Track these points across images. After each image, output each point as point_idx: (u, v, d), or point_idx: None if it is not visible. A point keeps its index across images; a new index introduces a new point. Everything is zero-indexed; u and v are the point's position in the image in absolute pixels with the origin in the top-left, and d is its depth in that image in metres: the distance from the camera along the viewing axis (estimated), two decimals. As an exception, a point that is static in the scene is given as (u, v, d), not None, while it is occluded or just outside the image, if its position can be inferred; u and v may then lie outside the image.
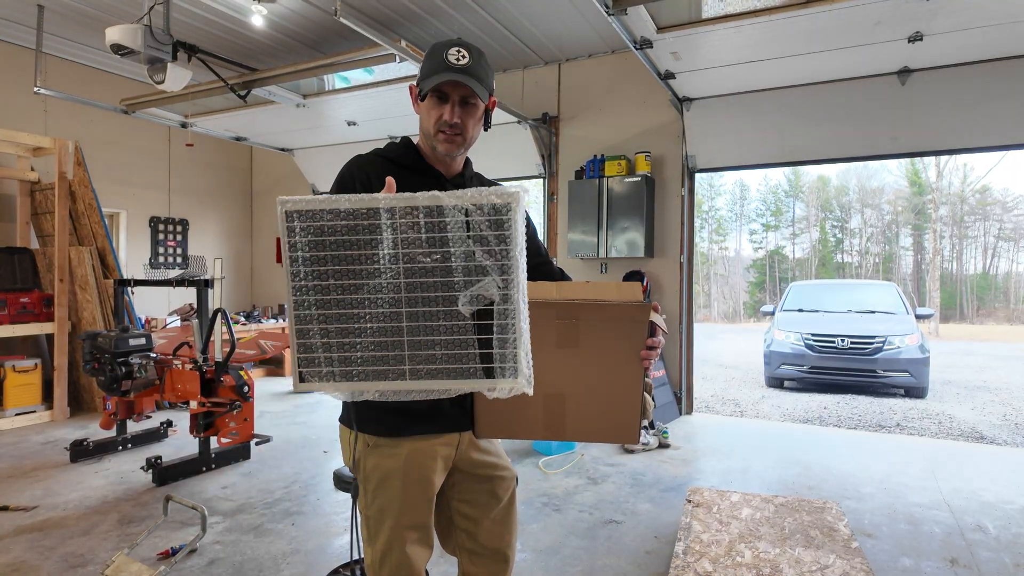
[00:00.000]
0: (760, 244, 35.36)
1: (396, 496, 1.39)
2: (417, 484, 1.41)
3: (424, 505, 1.43)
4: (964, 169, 30.01)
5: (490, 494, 1.52)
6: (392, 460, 1.39)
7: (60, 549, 2.83)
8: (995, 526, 3.17)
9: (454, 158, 1.46)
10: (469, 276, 0.99)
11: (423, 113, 1.42)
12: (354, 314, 1.00)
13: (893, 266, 31.67)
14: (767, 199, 35.13)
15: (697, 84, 4.95)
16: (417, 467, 1.40)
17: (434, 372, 1.02)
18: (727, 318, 32.12)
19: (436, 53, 1.37)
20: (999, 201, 30.55)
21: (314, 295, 1.00)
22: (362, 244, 0.98)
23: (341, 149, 7.21)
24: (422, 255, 0.99)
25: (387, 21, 5.15)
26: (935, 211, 28.18)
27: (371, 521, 1.42)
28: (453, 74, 1.32)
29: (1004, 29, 3.83)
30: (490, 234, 0.99)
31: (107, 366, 3.92)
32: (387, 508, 1.40)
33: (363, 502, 1.44)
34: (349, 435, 1.44)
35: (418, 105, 1.44)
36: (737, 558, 2.65)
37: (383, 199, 0.97)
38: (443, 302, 1.00)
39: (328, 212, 0.97)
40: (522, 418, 1.33)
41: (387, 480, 1.40)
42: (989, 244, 31.07)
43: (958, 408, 7.21)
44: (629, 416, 1.34)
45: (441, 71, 1.33)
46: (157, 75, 4.09)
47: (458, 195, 0.97)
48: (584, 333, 1.25)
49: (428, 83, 1.35)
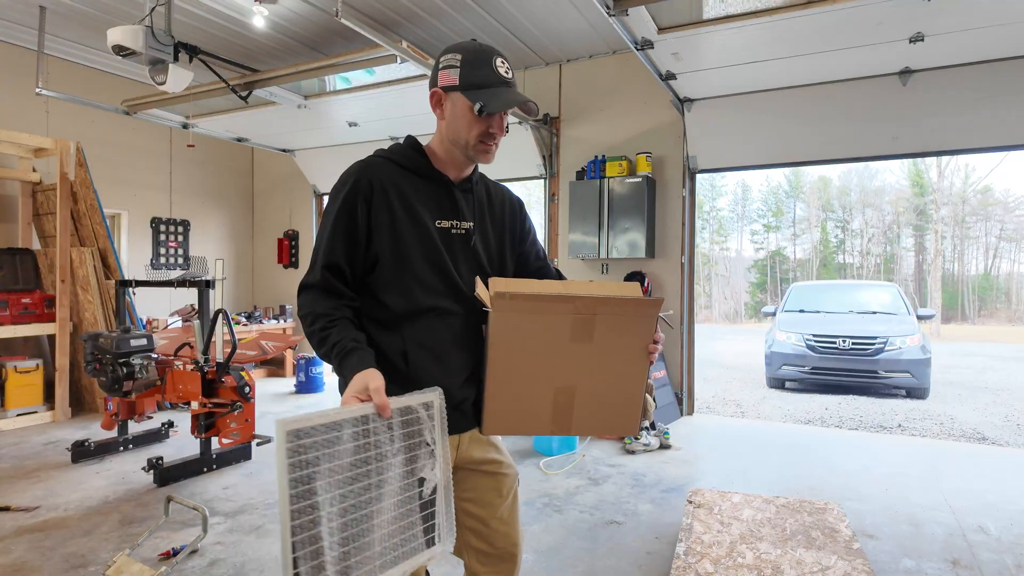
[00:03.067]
0: (761, 245, 35.33)
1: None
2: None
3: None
4: (965, 170, 29.97)
5: (495, 491, 1.52)
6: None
7: (61, 550, 2.83)
8: (997, 527, 3.16)
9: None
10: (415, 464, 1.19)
11: (460, 122, 1.38)
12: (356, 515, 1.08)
13: (894, 267, 31.63)
14: (768, 200, 35.12)
15: (698, 85, 4.95)
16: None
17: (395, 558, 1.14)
18: (728, 319, 32.09)
19: (482, 62, 1.36)
20: (1000, 202, 30.50)
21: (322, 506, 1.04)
22: (356, 448, 1.09)
23: (342, 150, 7.21)
24: (390, 451, 1.14)
25: (388, 22, 5.16)
26: (936, 212, 28.15)
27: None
28: (511, 91, 1.35)
29: (1005, 29, 3.83)
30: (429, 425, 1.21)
31: (108, 367, 3.92)
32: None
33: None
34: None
35: (443, 109, 1.41)
36: (738, 559, 2.65)
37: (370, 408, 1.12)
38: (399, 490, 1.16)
39: (324, 426, 1.05)
40: (531, 414, 1.34)
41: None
42: (991, 245, 31.03)
43: (960, 409, 7.20)
44: (632, 409, 1.38)
45: (497, 85, 1.35)
46: (158, 76, 4.09)
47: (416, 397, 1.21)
48: (599, 328, 1.27)
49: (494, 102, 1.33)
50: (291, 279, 8.03)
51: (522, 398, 1.32)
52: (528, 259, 1.62)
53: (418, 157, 1.44)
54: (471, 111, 1.35)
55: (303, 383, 6.73)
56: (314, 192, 7.85)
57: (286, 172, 7.97)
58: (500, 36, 5.51)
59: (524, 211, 1.64)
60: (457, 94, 1.37)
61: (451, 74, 1.37)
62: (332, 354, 1.28)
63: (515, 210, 1.61)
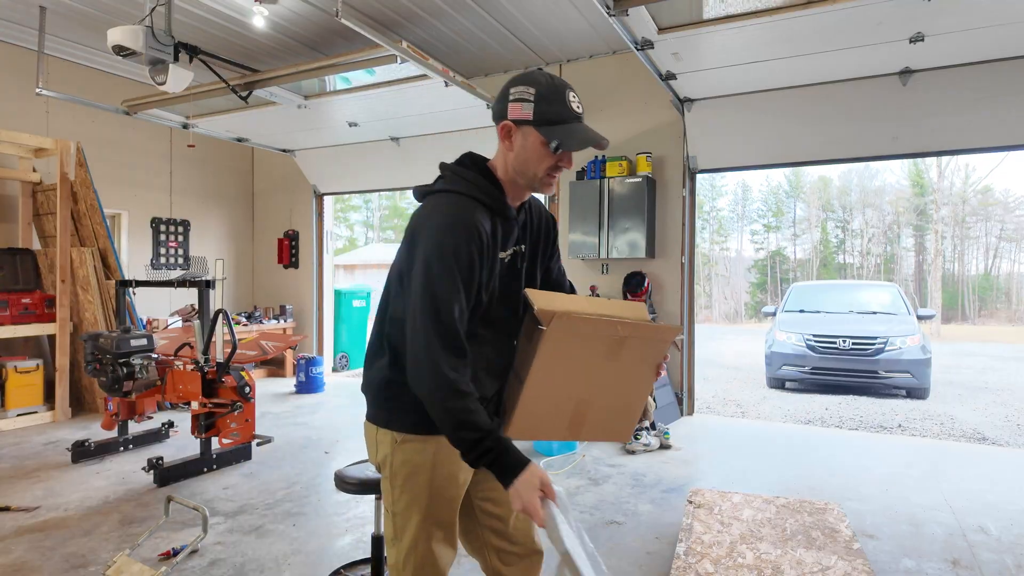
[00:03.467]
0: (761, 245, 35.32)
1: (424, 490, 1.41)
2: (445, 479, 1.43)
3: (450, 503, 1.45)
4: (966, 170, 29.94)
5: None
6: (421, 455, 1.41)
7: (61, 550, 2.83)
8: (997, 527, 3.16)
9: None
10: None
11: (532, 156, 1.36)
12: None
13: (895, 267, 31.62)
14: (768, 200, 35.11)
15: (698, 85, 4.95)
16: (445, 462, 1.42)
17: None
18: (728, 319, 32.08)
19: (556, 98, 1.33)
20: (1001, 202, 30.49)
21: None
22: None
23: (342, 150, 7.22)
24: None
25: (388, 22, 5.16)
26: (937, 212, 28.13)
27: (398, 517, 1.43)
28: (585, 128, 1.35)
29: (1005, 29, 3.83)
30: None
31: (109, 367, 3.92)
32: (415, 502, 1.41)
33: (389, 498, 1.44)
34: (376, 432, 1.45)
35: (512, 142, 1.37)
36: (738, 559, 2.65)
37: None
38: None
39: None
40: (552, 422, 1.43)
41: (416, 474, 1.41)
42: (991, 245, 31.02)
43: (960, 409, 7.20)
44: (632, 419, 1.53)
45: (571, 121, 1.34)
46: (159, 76, 4.09)
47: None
48: (625, 348, 1.39)
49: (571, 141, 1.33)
50: (291, 279, 8.03)
51: (549, 407, 1.41)
52: (551, 272, 1.65)
53: (498, 195, 1.40)
54: (544, 147, 1.34)
55: (303, 383, 6.73)
56: (314, 192, 7.85)
57: (286, 172, 7.97)
58: (500, 36, 5.51)
59: (556, 227, 1.66)
60: (529, 128, 1.34)
61: (523, 108, 1.34)
62: (478, 447, 1.24)
63: (550, 227, 1.61)
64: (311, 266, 7.91)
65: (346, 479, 2.18)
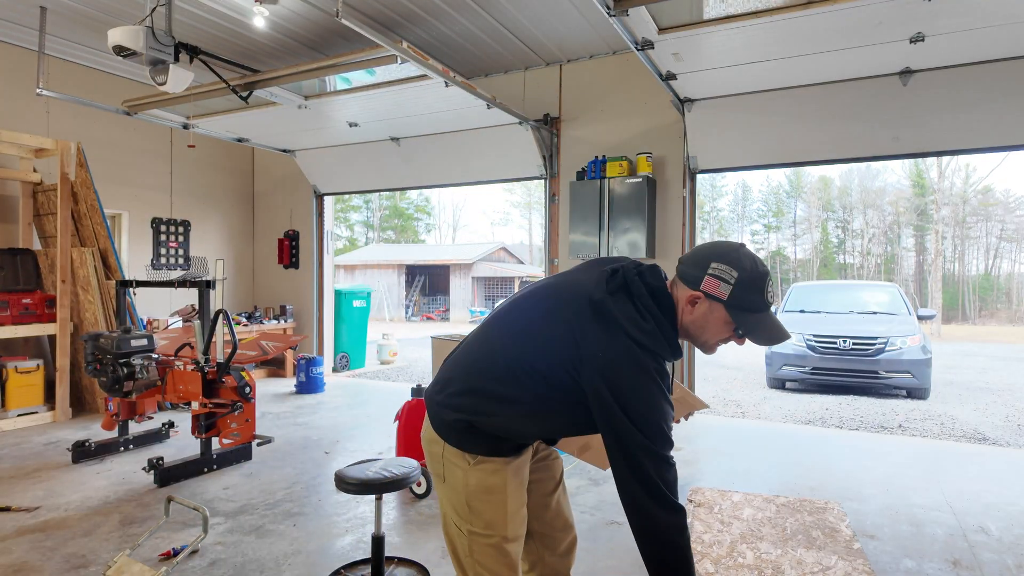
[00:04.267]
0: (762, 245, 35.34)
1: (501, 510, 1.46)
2: (519, 495, 1.50)
3: (523, 519, 1.52)
4: (966, 170, 29.98)
5: (549, 475, 1.68)
6: (497, 476, 1.46)
7: (62, 550, 2.83)
8: (997, 527, 3.16)
9: None
10: None
11: (712, 328, 1.40)
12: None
13: (895, 267, 31.62)
14: (768, 200, 35.13)
15: (698, 85, 4.94)
16: (518, 479, 1.50)
17: None
18: (729, 319, 32.03)
19: (756, 287, 1.35)
20: (1001, 202, 30.50)
21: None
22: None
23: (343, 150, 7.21)
24: None
25: (388, 22, 5.16)
26: (937, 212, 28.14)
27: (476, 537, 1.46)
28: (773, 321, 1.38)
29: (1005, 30, 3.82)
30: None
31: (109, 367, 3.93)
32: (495, 522, 1.46)
33: (463, 519, 1.47)
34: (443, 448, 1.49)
35: (696, 309, 1.39)
36: (739, 559, 2.65)
37: None
38: None
39: None
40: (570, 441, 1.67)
41: (493, 495, 1.45)
42: (991, 245, 31.03)
43: (960, 409, 7.20)
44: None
45: (763, 310, 1.37)
46: (159, 76, 4.09)
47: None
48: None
49: (759, 335, 1.37)
50: (291, 279, 8.03)
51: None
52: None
53: (676, 344, 1.42)
54: (728, 326, 1.39)
55: (303, 383, 6.73)
56: (314, 192, 7.85)
57: (286, 172, 7.97)
58: (500, 36, 5.51)
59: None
60: (720, 306, 1.37)
61: (721, 287, 1.36)
62: None
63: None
64: (311, 266, 7.91)
65: (346, 479, 2.18)
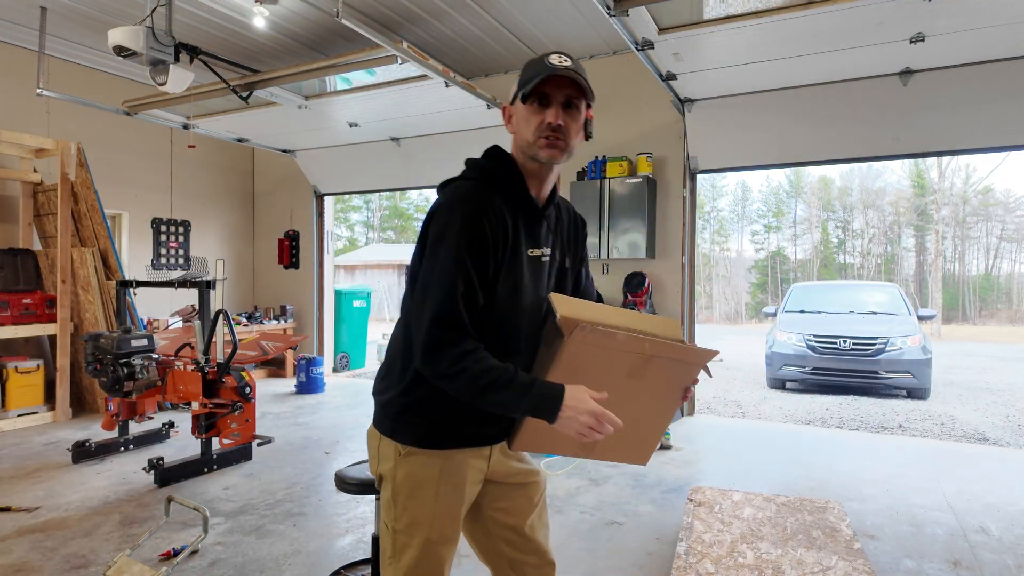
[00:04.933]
0: (762, 245, 35.32)
1: (429, 508, 1.35)
2: (451, 496, 1.37)
3: (455, 521, 1.39)
4: (966, 170, 29.96)
5: (526, 499, 1.51)
6: (426, 470, 1.35)
7: (62, 550, 2.83)
8: (998, 528, 3.16)
9: (552, 168, 1.37)
10: None
11: (521, 124, 1.33)
12: None
13: (895, 267, 31.61)
14: (769, 200, 35.11)
15: (699, 85, 4.94)
16: (452, 478, 1.36)
17: None
18: (729, 319, 32.07)
19: (535, 62, 1.31)
20: (1001, 202, 30.48)
21: None
22: None
23: (343, 150, 7.22)
24: None
25: (388, 22, 5.16)
26: (937, 212, 28.13)
27: (399, 536, 1.37)
28: (557, 71, 1.27)
29: (1006, 30, 3.83)
30: None
31: (109, 367, 3.93)
32: (418, 521, 1.35)
33: (390, 515, 1.38)
34: (379, 441, 1.40)
35: (512, 123, 1.36)
36: (739, 559, 2.65)
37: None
38: None
39: None
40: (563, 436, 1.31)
41: (420, 490, 1.35)
42: (991, 245, 31.01)
43: (960, 409, 7.19)
44: (651, 443, 1.44)
45: (544, 72, 1.27)
46: (159, 77, 4.09)
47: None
48: (652, 368, 1.30)
49: (532, 83, 1.27)
50: (291, 280, 8.03)
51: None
52: (580, 277, 1.58)
53: (515, 179, 1.35)
54: (524, 107, 1.31)
55: (303, 383, 6.73)
56: (315, 192, 7.85)
57: (287, 173, 7.97)
58: (500, 36, 5.51)
59: (586, 231, 1.60)
60: (517, 101, 1.34)
61: (513, 87, 1.35)
62: (518, 406, 1.20)
63: (579, 229, 1.56)
64: (311, 266, 7.91)
65: (346, 479, 2.18)
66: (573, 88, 1.29)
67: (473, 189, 1.31)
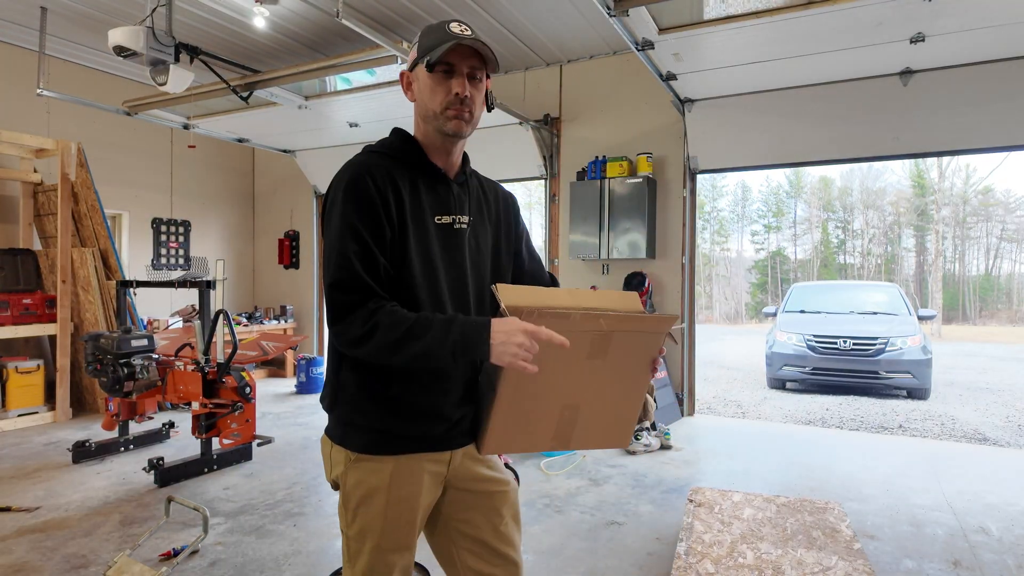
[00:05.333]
0: (762, 245, 35.31)
1: (379, 515, 1.30)
2: (402, 503, 1.30)
3: (408, 527, 1.33)
4: (966, 170, 29.96)
5: (492, 511, 1.41)
6: (376, 476, 1.29)
7: (62, 550, 2.83)
8: (998, 528, 3.16)
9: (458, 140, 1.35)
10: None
11: (425, 93, 1.30)
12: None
13: (895, 267, 31.61)
14: (769, 200, 35.10)
15: (699, 85, 4.94)
16: (403, 485, 1.30)
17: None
18: (729, 319, 32.08)
19: (436, 29, 1.28)
20: (1001, 202, 30.48)
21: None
22: None
23: (343, 150, 7.21)
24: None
25: (388, 22, 5.16)
26: (937, 212, 28.13)
27: (351, 542, 1.33)
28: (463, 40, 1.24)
29: (1006, 30, 3.82)
30: None
31: (109, 367, 3.93)
32: (369, 528, 1.30)
33: (343, 521, 1.34)
34: (331, 448, 1.36)
35: (412, 91, 1.35)
36: (739, 559, 2.65)
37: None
38: None
39: None
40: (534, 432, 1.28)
41: (370, 497, 1.30)
42: (992, 245, 31.00)
43: (961, 409, 7.20)
44: (629, 423, 1.38)
45: (448, 41, 1.23)
46: (159, 77, 4.10)
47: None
48: (613, 344, 1.24)
49: (436, 53, 1.23)
50: (292, 280, 8.03)
51: (529, 417, 1.27)
52: (523, 260, 1.54)
53: (411, 149, 1.35)
54: (429, 76, 1.28)
55: (304, 383, 6.73)
56: (315, 192, 7.85)
57: (287, 173, 7.97)
58: (500, 36, 5.51)
59: (518, 207, 1.55)
60: (419, 67, 1.30)
61: (413, 53, 1.33)
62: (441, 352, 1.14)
63: (508, 205, 1.52)
64: (312, 266, 7.92)
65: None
66: (477, 59, 1.28)
67: (362, 157, 1.32)
